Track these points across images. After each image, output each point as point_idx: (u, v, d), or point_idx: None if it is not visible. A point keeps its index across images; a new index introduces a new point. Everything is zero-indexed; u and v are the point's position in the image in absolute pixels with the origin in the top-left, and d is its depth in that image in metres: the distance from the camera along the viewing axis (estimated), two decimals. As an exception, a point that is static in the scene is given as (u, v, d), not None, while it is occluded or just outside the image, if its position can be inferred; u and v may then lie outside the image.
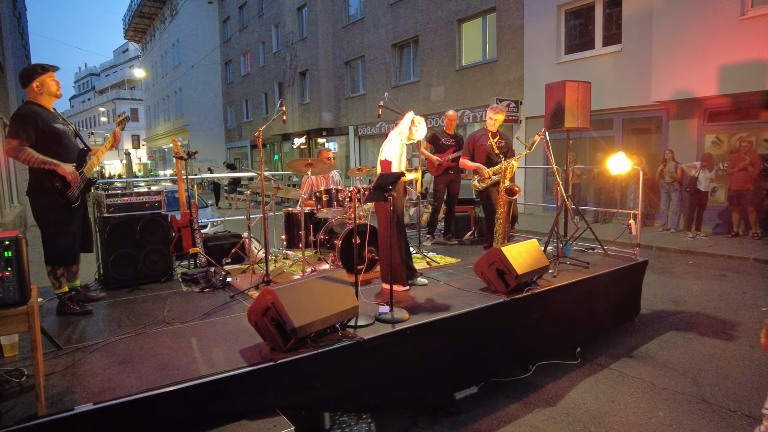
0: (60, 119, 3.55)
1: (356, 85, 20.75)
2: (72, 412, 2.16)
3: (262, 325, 2.80)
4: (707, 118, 9.87)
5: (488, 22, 14.46)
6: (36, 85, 3.40)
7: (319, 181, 5.45)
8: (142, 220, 4.32)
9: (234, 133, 33.33)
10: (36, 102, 3.43)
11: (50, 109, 3.50)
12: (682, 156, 9.77)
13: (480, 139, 5.39)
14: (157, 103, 43.43)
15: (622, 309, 4.90)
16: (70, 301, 3.65)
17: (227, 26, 32.77)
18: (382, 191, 3.32)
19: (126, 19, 44.67)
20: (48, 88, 3.44)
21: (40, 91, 3.42)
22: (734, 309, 5.41)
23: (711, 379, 3.77)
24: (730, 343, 4.47)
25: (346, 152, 21.35)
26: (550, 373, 3.96)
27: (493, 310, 3.62)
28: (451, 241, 6.30)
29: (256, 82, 28.53)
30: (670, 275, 6.98)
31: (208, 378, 2.43)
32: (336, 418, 3.00)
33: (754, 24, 8.41)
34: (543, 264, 4.09)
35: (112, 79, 58.96)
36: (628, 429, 3.14)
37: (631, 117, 11.22)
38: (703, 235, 9.27)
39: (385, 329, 3.11)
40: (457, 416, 3.35)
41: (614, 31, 11.31)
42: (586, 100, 5.22)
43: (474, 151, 5.43)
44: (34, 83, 3.39)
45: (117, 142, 3.85)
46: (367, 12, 19.12)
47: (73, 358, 2.76)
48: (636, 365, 4.08)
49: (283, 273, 4.60)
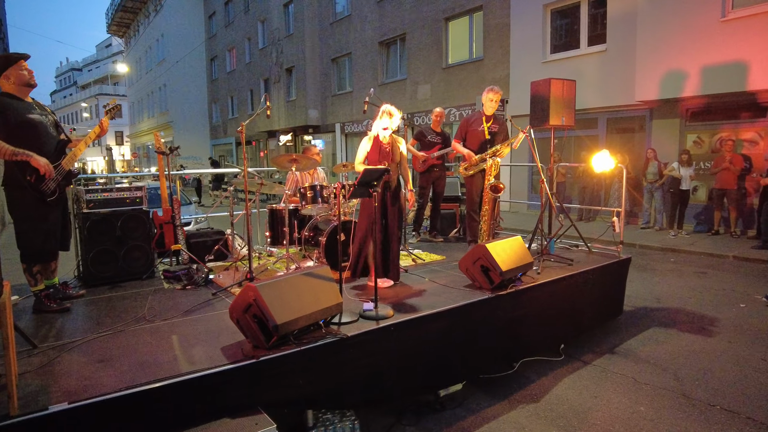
0: (37, 110, 3.45)
1: (343, 82, 20.67)
2: (46, 412, 2.10)
3: (244, 323, 2.76)
4: (689, 117, 10.01)
5: (475, 20, 14.50)
6: (6, 75, 3.30)
7: (303, 177, 5.41)
8: (123, 216, 4.23)
9: (219, 130, 33.00)
10: (9, 93, 3.33)
11: (26, 99, 3.41)
12: (664, 155, 9.90)
13: (473, 123, 5.29)
14: (141, 99, 42.80)
15: (605, 306, 4.95)
16: (47, 299, 3.56)
17: (213, 22, 32.41)
18: (367, 187, 3.29)
19: (109, 14, 43.94)
20: (19, 78, 3.34)
21: (12, 82, 3.33)
22: (714, 305, 5.49)
23: (691, 375, 3.82)
24: (710, 339, 4.54)
25: (332, 150, 21.26)
26: (534, 369, 3.97)
27: (478, 307, 3.62)
28: (437, 239, 6.31)
29: (242, 78, 28.28)
30: (653, 272, 7.07)
31: (188, 376, 2.38)
32: (319, 416, 2.97)
33: (734, 25, 8.54)
34: (527, 261, 4.10)
35: (94, 74, 57.95)
36: (611, 424, 3.16)
37: (615, 116, 11.34)
38: (684, 233, 9.41)
39: (369, 326, 3.08)
40: (441, 413, 3.35)
41: (599, 31, 11.41)
42: (570, 97, 5.24)
43: (467, 135, 5.35)
44: (5, 74, 3.30)
45: (104, 132, 3.73)
46: (353, 9, 19.05)
47: (48, 357, 2.69)
48: (618, 361, 4.11)
49: (267, 270, 4.55)
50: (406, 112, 15.22)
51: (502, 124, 5.36)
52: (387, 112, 3.92)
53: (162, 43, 34.91)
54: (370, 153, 4.02)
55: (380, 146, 3.99)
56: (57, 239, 3.57)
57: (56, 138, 3.53)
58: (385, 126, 3.94)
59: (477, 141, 5.24)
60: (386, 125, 3.93)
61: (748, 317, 5.10)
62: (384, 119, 3.92)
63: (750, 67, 8.35)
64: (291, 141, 23.13)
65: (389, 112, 3.93)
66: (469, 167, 5.21)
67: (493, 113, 5.24)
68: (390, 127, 3.95)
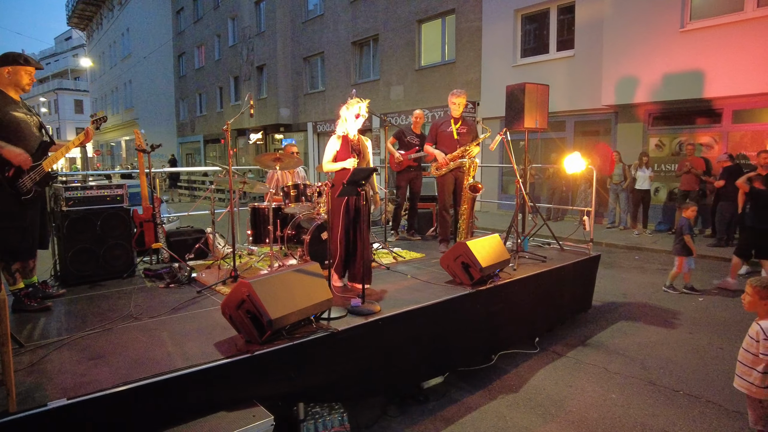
0: (23, 108, 3.41)
1: (315, 81, 20.61)
2: (45, 408, 2.11)
3: (237, 318, 2.81)
4: (651, 122, 10.50)
5: (447, 23, 14.74)
6: (7, 71, 3.28)
7: (285, 176, 5.45)
8: (103, 215, 4.19)
9: (186, 128, 32.30)
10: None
11: (13, 97, 3.37)
12: (628, 157, 10.35)
13: (442, 126, 5.49)
14: (104, 95, 41.43)
15: (577, 300, 5.19)
16: (27, 298, 3.51)
17: (181, 17, 31.69)
18: (355, 186, 3.38)
19: (70, 5, 42.32)
20: (18, 80, 3.34)
21: (8, 79, 3.30)
22: (676, 300, 5.82)
23: (657, 363, 4.08)
24: (673, 330, 4.83)
25: (304, 149, 21.17)
26: (512, 361, 4.15)
27: (459, 302, 3.77)
28: (415, 237, 6.44)
29: (211, 75, 27.78)
30: (619, 269, 7.41)
31: (187, 370, 2.43)
32: (309, 409, 3.04)
33: (692, 36, 9.03)
34: (505, 257, 4.28)
35: (53, 68, 55.67)
36: (586, 410, 3.36)
37: (583, 119, 11.77)
38: (647, 232, 9.86)
39: (358, 321, 3.18)
40: (425, 405, 3.48)
41: (567, 37, 11.81)
42: (544, 101, 5.48)
43: (437, 137, 5.53)
44: (6, 69, 3.27)
45: (88, 139, 3.73)
46: (326, 9, 19.03)
47: (38, 355, 2.67)
48: (590, 353, 4.34)
49: (251, 268, 4.58)
50: (379, 112, 15.30)
51: (470, 125, 5.57)
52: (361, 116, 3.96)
53: (127, 38, 33.92)
54: (340, 152, 3.98)
55: (350, 144, 4.00)
56: (35, 237, 3.52)
57: (39, 138, 3.48)
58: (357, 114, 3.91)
59: (447, 143, 5.43)
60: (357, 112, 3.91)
61: (706, 310, 5.44)
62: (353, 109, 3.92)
63: (706, 75, 8.84)
64: (262, 139, 22.89)
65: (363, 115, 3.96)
66: (439, 167, 5.39)
67: (460, 115, 5.45)
68: (362, 115, 3.94)
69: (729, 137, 9.47)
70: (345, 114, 3.99)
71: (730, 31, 8.61)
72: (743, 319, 5.11)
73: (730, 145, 9.39)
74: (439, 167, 5.37)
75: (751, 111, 9.18)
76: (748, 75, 8.36)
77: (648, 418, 3.25)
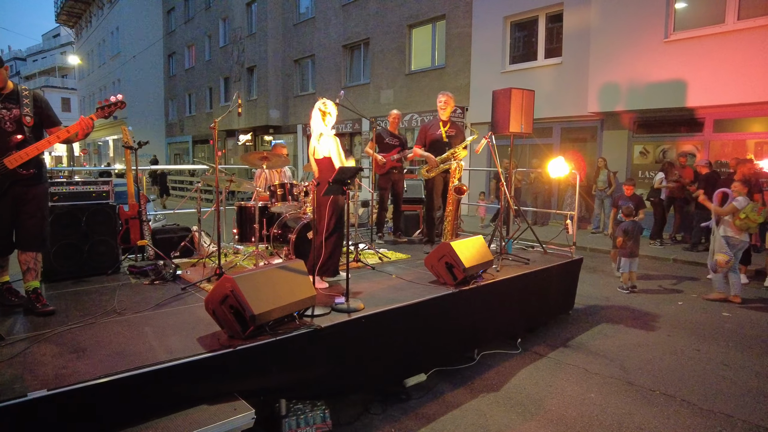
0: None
1: (305, 83, 20.63)
2: (24, 399, 2.11)
3: (220, 313, 2.83)
4: (636, 129, 10.69)
5: (438, 29, 14.87)
6: None
7: (272, 175, 5.47)
8: (88, 211, 4.18)
9: (175, 128, 32.09)
10: None
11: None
12: (613, 164, 10.52)
13: (431, 128, 5.62)
14: (92, 94, 41.00)
15: (558, 302, 5.27)
16: (8, 293, 3.48)
17: (172, 17, 31.53)
18: (341, 185, 3.42)
19: (58, 2, 41.87)
20: None
21: None
22: (656, 303, 5.93)
23: (635, 365, 4.16)
24: (652, 333, 4.93)
25: (294, 151, 21.15)
26: (494, 361, 4.21)
27: (443, 301, 3.82)
28: (401, 239, 6.49)
29: (201, 76, 27.67)
30: (602, 273, 7.52)
31: (169, 363, 2.44)
32: (291, 406, 3.06)
33: (675, 47, 9.23)
34: (488, 258, 4.34)
35: (40, 65, 55.02)
36: (565, 409, 3.42)
37: (569, 126, 11.93)
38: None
39: (342, 318, 3.21)
40: (407, 402, 3.51)
41: (555, 45, 11.98)
42: (529, 107, 5.56)
43: (426, 140, 5.64)
44: None
45: (89, 129, 3.35)
46: (318, 11, 19.09)
47: (18, 348, 2.67)
48: (571, 354, 4.41)
49: (236, 266, 4.59)
50: (369, 116, 15.36)
51: (458, 128, 5.70)
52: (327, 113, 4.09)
53: (117, 37, 33.65)
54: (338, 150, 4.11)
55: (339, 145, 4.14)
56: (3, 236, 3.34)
57: (10, 134, 3.24)
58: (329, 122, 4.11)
59: (436, 145, 5.54)
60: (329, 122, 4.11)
61: (685, 313, 5.56)
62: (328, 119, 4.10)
63: (689, 85, 9.04)
64: (251, 141, 22.83)
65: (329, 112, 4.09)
66: (430, 169, 5.47)
67: (448, 118, 5.56)
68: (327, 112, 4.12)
69: (710, 146, 9.67)
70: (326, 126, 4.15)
71: (712, 42, 8.82)
72: (720, 323, 5.23)
73: (711, 153, 9.59)
74: (429, 169, 5.46)
75: (731, 120, 9.39)
76: (728, 85, 8.57)
77: (624, 416, 3.32)
